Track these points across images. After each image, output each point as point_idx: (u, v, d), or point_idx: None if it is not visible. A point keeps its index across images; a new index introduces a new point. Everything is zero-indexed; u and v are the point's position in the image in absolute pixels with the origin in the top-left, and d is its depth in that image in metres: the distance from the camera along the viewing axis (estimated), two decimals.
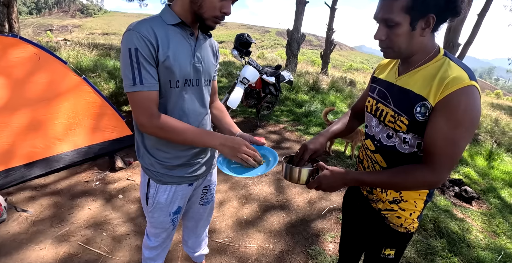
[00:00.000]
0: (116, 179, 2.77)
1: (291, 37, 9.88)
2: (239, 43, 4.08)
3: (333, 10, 11.59)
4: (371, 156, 1.12)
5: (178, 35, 1.02)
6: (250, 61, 4.17)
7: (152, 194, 1.21)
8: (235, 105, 3.65)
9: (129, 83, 0.95)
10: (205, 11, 0.97)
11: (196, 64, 1.08)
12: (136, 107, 0.99)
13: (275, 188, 2.88)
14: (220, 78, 7.33)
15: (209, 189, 1.44)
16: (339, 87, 7.66)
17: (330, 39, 11.69)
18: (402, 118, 0.95)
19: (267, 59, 14.57)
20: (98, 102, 3.11)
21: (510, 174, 4.34)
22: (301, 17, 9.99)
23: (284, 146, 3.88)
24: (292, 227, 2.35)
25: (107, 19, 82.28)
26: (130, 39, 0.93)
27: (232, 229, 2.26)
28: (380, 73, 1.15)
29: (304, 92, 6.61)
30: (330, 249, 2.16)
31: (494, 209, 3.19)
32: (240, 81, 3.92)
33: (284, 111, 5.45)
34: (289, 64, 9.13)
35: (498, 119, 9.33)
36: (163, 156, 1.15)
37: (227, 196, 2.66)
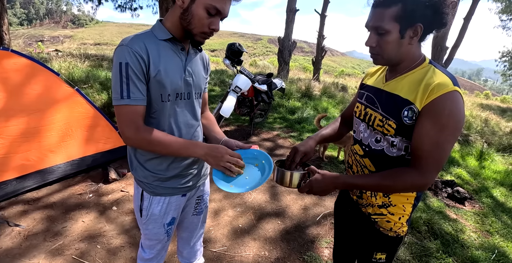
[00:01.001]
0: (110, 191, 2.75)
1: (283, 44, 10.02)
2: (231, 52, 4.13)
3: (323, 17, 11.79)
4: (360, 160, 1.14)
5: (169, 50, 1.05)
6: (242, 69, 4.22)
7: (146, 206, 1.22)
8: (228, 114, 3.67)
9: (116, 97, 0.98)
10: (194, 28, 1.00)
11: (187, 78, 1.11)
12: (122, 121, 1.01)
13: (269, 196, 2.89)
14: (212, 86, 7.38)
15: (202, 199, 1.45)
16: (331, 93, 7.76)
17: (321, 45, 11.85)
18: (390, 122, 0.99)
19: (259, 66, 14.69)
20: (91, 113, 3.11)
21: (501, 173, 4.42)
22: (291, 25, 10.15)
23: (278, 153, 3.91)
24: (287, 234, 2.36)
25: (99, 30, 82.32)
26: (122, 54, 0.96)
27: (227, 238, 2.26)
28: (369, 80, 1.20)
29: (296, 99, 6.68)
30: (325, 255, 2.17)
31: (486, 209, 3.24)
32: (232, 89, 3.96)
33: (277, 118, 5.49)
34: (281, 71, 9.24)
35: (488, 119, 9.50)
36: (156, 168, 1.16)
37: (221, 205, 2.66)
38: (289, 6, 10.13)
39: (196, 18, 0.98)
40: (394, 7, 0.89)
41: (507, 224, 3.00)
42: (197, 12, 0.97)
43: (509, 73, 20.81)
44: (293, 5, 10.12)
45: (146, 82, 1.00)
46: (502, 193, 3.77)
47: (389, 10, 0.90)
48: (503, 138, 6.52)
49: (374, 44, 0.97)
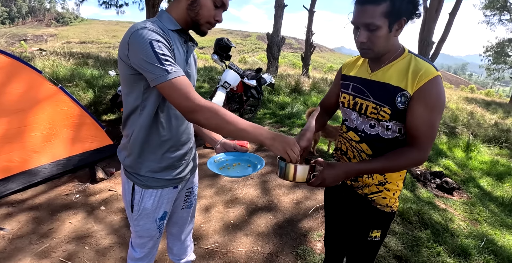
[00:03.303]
0: (98, 191, 2.70)
1: (271, 40, 9.98)
2: (219, 47, 4.09)
3: (312, 13, 11.81)
4: (356, 146, 1.20)
5: (177, 41, 1.06)
6: (231, 65, 4.18)
7: (137, 200, 1.18)
8: None
9: (161, 74, 0.92)
10: (201, 18, 1.05)
11: (188, 70, 1.13)
12: (181, 94, 0.93)
13: (260, 191, 2.88)
14: (201, 83, 7.31)
15: (192, 191, 1.43)
16: (320, 88, 7.79)
17: (310, 41, 11.88)
18: (384, 108, 1.08)
19: (248, 63, 14.64)
20: (76, 112, 3.03)
21: (487, 163, 4.52)
22: (280, 21, 10.12)
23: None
24: (279, 228, 2.36)
25: (84, 28, 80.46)
26: (147, 34, 0.93)
27: (219, 234, 2.24)
28: (349, 71, 1.26)
29: (286, 94, 6.68)
30: (318, 248, 2.17)
31: (474, 198, 3.30)
32: (221, 85, 3.92)
33: (267, 113, 5.47)
34: (270, 67, 9.21)
35: (473, 112, 9.71)
36: (150, 158, 1.13)
37: (212, 201, 2.64)
38: (278, 2, 10.09)
39: (205, 9, 1.03)
40: (383, 3, 0.95)
41: (494, 212, 3.07)
42: (205, 3, 1.02)
43: (493, 67, 21.27)
44: (281, 0, 10.09)
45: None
46: (489, 183, 3.85)
47: (380, 7, 0.95)
48: (488, 129, 6.68)
49: (366, 40, 1.01)
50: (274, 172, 3.27)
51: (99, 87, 5.06)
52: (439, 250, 2.29)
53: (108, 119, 4.33)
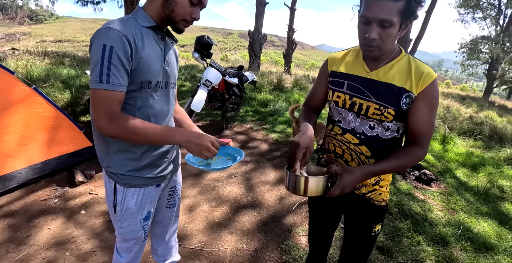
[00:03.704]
0: (77, 195, 2.62)
1: (253, 38, 9.96)
2: (200, 45, 4.05)
3: (293, 10, 11.84)
4: (355, 149, 1.16)
5: (152, 38, 1.05)
6: (212, 63, 4.15)
7: (120, 200, 1.16)
8: (199, 108, 3.61)
9: (95, 80, 0.93)
10: (176, 15, 1.03)
11: (166, 67, 1.13)
12: (97, 106, 0.96)
13: (244, 188, 2.89)
14: (183, 82, 7.22)
15: (175, 190, 1.42)
16: (303, 85, 7.86)
17: (291, 39, 11.93)
18: (388, 109, 1.06)
19: (230, 61, 14.56)
20: (52, 114, 2.93)
21: (462, 155, 4.72)
22: (261, 18, 10.10)
23: (251, 146, 3.91)
24: (264, 225, 2.37)
25: (60, 26, 77.42)
26: (107, 36, 0.92)
27: (204, 234, 2.24)
28: (339, 67, 1.19)
29: (268, 92, 6.70)
30: (303, 242, 2.21)
31: (451, 188, 3.44)
32: (202, 83, 3.89)
33: (250, 111, 5.48)
34: (252, 65, 9.20)
35: (449, 106, 10.09)
36: (130, 157, 1.12)
37: (196, 201, 2.62)
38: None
39: (180, 6, 1.02)
40: (401, 1, 0.92)
41: (470, 201, 3.21)
42: (180, 0, 1.01)
43: (467, 63, 22.06)
44: None
45: (130, 68, 0.98)
46: (464, 173, 4.02)
47: (397, 4, 0.92)
48: (463, 123, 6.95)
49: (377, 37, 0.97)
50: (257, 170, 3.28)
51: (76, 87, 4.90)
52: (419, 239, 2.37)
53: (87, 120, 4.20)
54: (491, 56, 19.49)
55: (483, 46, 20.53)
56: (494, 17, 19.51)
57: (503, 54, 19.01)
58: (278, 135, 4.38)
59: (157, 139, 1.03)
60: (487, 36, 20.09)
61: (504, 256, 2.37)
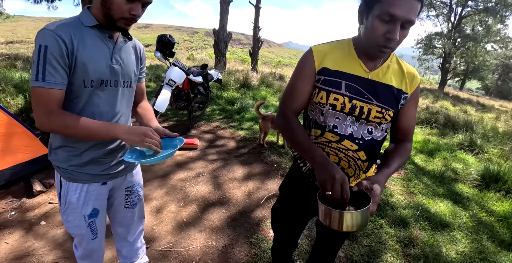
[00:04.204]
0: (36, 205, 2.47)
1: (218, 36, 9.89)
2: (161, 44, 3.98)
3: (258, 8, 11.91)
4: (353, 155, 1.09)
5: (96, 37, 1.05)
6: (175, 62, 4.08)
7: (63, 193, 1.18)
8: (163, 109, 3.54)
9: (32, 78, 0.97)
10: (113, 13, 1.01)
11: (114, 66, 1.11)
12: (34, 103, 0.99)
13: (212, 186, 2.88)
14: (148, 82, 7.03)
15: (132, 191, 1.40)
16: (269, 82, 7.96)
17: (257, 36, 12.01)
18: (389, 112, 1.05)
19: (196, 60, 14.36)
20: (4, 120, 2.73)
21: (420, 143, 5.03)
22: (226, 16, 10.05)
23: (219, 144, 3.90)
24: (233, 221, 2.39)
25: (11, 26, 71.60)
26: (43, 37, 0.95)
27: (172, 234, 2.21)
28: (333, 65, 1.04)
29: (235, 90, 6.71)
30: (271, 235, 2.25)
31: (410, 174, 3.66)
32: (166, 83, 3.81)
33: (217, 110, 5.46)
34: (218, 63, 9.15)
35: None
36: (72, 153, 1.14)
37: (163, 202, 2.58)
38: None
39: (115, 3, 0.99)
40: (420, 2, 0.89)
41: (427, 184, 3.45)
42: None
43: (423, 58, 23.42)
44: None
45: (69, 67, 1.00)
46: (422, 159, 4.30)
47: (419, 5, 0.88)
48: (420, 113, 7.40)
49: (398, 37, 0.90)
50: (225, 167, 3.28)
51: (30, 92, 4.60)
52: (382, 223, 2.51)
53: None
54: (444, 50, 20.88)
55: (437, 42, 21.92)
56: (446, 15, 20.91)
57: (454, 49, 20.45)
58: (245, 132, 4.40)
59: (95, 134, 1.03)
60: (440, 32, 21.48)
61: (458, 231, 2.58)
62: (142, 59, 1.29)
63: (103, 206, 1.29)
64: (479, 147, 5.07)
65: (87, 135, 1.03)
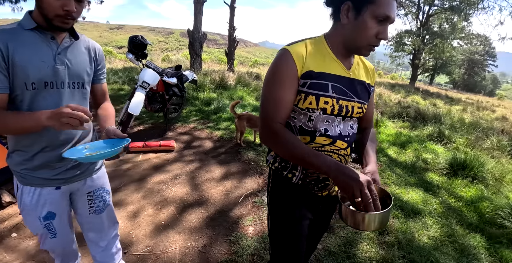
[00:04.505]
0: (6, 217, 2.35)
1: (193, 37, 9.78)
2: (133, 45, 3.90)
3: (233, 8, 11.89)
4: (344, 153, 1.10)
5: (36, 39, 1.04)
6: (148, 63, 4.01)
7: (19, 194, 1.20)
8: (137, 111, 3.47)
9: None
10: (47, 12, 0.99)
11: (58, 67, 1.09)
12: None
13: (190, 187, 2.86)
14: (121, 85, 6.87)
15: (95, 196, 1.37)
16: (246, 82, 7.98)
17: (233, 36, 11.99)
18: (365, 105, 1.11)
19: (172, 61, 14.14)
20: None
21: (392, 136, 5.23)
22: (200, 16, 9.95)
23: (196, 145, 3.88)
24: (211, 220, 2.38)
25: None
26: None
27: (150, 238, 2.17)
28: (317, 66, 0.99)
29: (211, 90, 6.68)
30: (250, 232, 2.27)
31: (384, 165, 3.80)
32: (139, 85, 3.74)
33: (193, 111, 5.41)
34: (194, 64, 9.05)
35: (381, 94, 11.06)
36: (23, 157, 1.14)
37: (140, 206, 2.53)
38: None
39: (45, 2, 0.97)
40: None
41: (400, 175, 3.59)
42: None
43: (395, 55, 24.33)
44: None
45: (7, 71, 0.99)
46: (395, 151, 4.47)
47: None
48: (393, 107, 7.69)
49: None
50: (202, 168, 3.27)
51: None
52: None
53: None
54: (413, 47, 21.78)
55: (407, 39, 22.82)
56: (415, 13, 21.81)
57: (423, 46, 21.37)
58: (222, 132, 4.40)
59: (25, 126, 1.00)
60: (409, 30, 22.38)
61: (430, 218, 2.70)
62: (97, 60, 1.27)
63: (60, 209, 1.28)
64: (447, 137, 5.33)
65: (19, 128, 1.02)
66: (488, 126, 6.95)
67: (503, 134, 6.09)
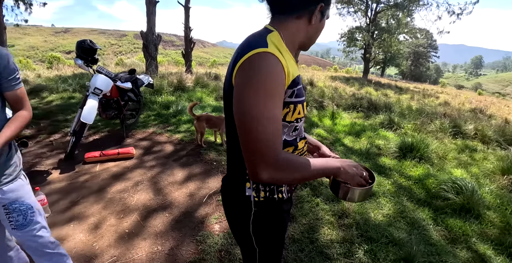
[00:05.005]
0: None
1: (147, 39, 9.48)
2: (81, 50, 3.71)
3: (187, 8, 11.69)
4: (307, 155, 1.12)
5: None
6: (99, 69, 3.85)
7: None
8: (90, 120, 3.31)
9: None
10: None
11: None
12: None
13: (153, 193, 2.81)
14: (72, 93, 6.50)
15: (11, 209, 1.32)
16: (204, 83, 7.93)
17: (189, 37, 11.81)
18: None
19: (126, 65, 13.57)
20: None
21: (348, 126, 5.53)
22: (153, 18, 9.66)
23: (156, 150, 3.80)
24: (177, 223, 2.38)
25: None
26: None
27: (115, 248, 2.12)
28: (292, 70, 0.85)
29: (169, 93, 6.55)
30: (216, 229, 2.30)
31: (341, 154, 4.02)
32: (92, 92, 3.58)
33: (152, 115, 5.27)
34: (149, 67, 8.79)
35: (337, 87, 11.58)
36: None
37: (102, 217, 2.44)
38: None
39: None
40: None
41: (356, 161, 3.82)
42: None
43: (348, 50, 25.50)
44: None
45: None
46: (350, 140, 4.74)
47: None
48: (348, 99, 8.09)
49: None
50: (164, 172, 3.22)
51: None
52: (317, 201, 2.73)
53: None
54: (364, 42, 23.06)
55: (358, 35, 24.07)
56: (363, 10, 23.04)
57: (372, 40, 22.74)
58: (182, 135, 4.35)
59: None
60: (359, 27, 23.62)
61: (383, 198, 2.93)
62: (5, 67, 1.22)
63: None
64: (397, 124, 5.76)
65: None
66: (432, 111, 7.59)
67: (445, 118, 6.71)
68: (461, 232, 2.50)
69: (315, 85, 11.09)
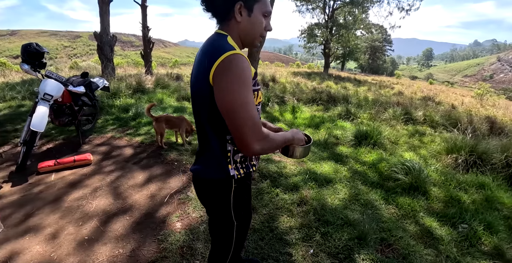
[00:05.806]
0: None
1: (101, 40, 9.07)
2: (27, 54, 3.50)
3: (144, 7, 11.34)
4: None
5: None
6: (48, 73, 3.66)
7: None
8: (41, 127, 3.15)
9: None
10: None
11: None
12: None
13: (112, 197, 2.76)
14: (21, 101, 6.09)
15: None
16: (165, 84, 7.79)
17: (147, 37, 11.48)
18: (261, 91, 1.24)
19: (81, 68, 12.89)
20: None
21: (308, 119, 5.76)
22: (107, 17, 9.25)
23: (115, 154, 3.71)
24: (138, 225, 2.37)
25: None
26: None
27: (74, 255, 2.07)
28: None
29: (128, 96, 6.36)
30: (178, 227, 2.33)
31: None
32: (41, 98, 3.40)
33: (110, 119, 5.10)
34: (106, 70, 8.45)
35: (299, 82, 11.89)
36: None
37: (59, 227, 2.36)
38: None
39: None
40: None
41: (315, 152, 4.00)
42: None
43: (308, 46, 26.20)
44: None
45: None
46: (310, 132, 4.94)
47: None
48: (308, 94, 8.38)
49: None
50: (124, 176, 3.16)
51: None
52: (277, 192, 2.86)
53: None
54: (323, 38, 23.82)
55: (317, 31, 24.80)
56: (322, 8, 23.77)
57: (331, 36, 23.56)
58: (142, 138, 4.27)
59: None
60: (318, 23, 24.37)
61: (340, 183, 3.13)
62: None
63: None
64: (354, 114, 6.10)
65: None
66: (387, 101, 8.09)
67: (398, 106, 7.19)
68: (410, 208, 2.75)
69: (277, 81, 11.32)
